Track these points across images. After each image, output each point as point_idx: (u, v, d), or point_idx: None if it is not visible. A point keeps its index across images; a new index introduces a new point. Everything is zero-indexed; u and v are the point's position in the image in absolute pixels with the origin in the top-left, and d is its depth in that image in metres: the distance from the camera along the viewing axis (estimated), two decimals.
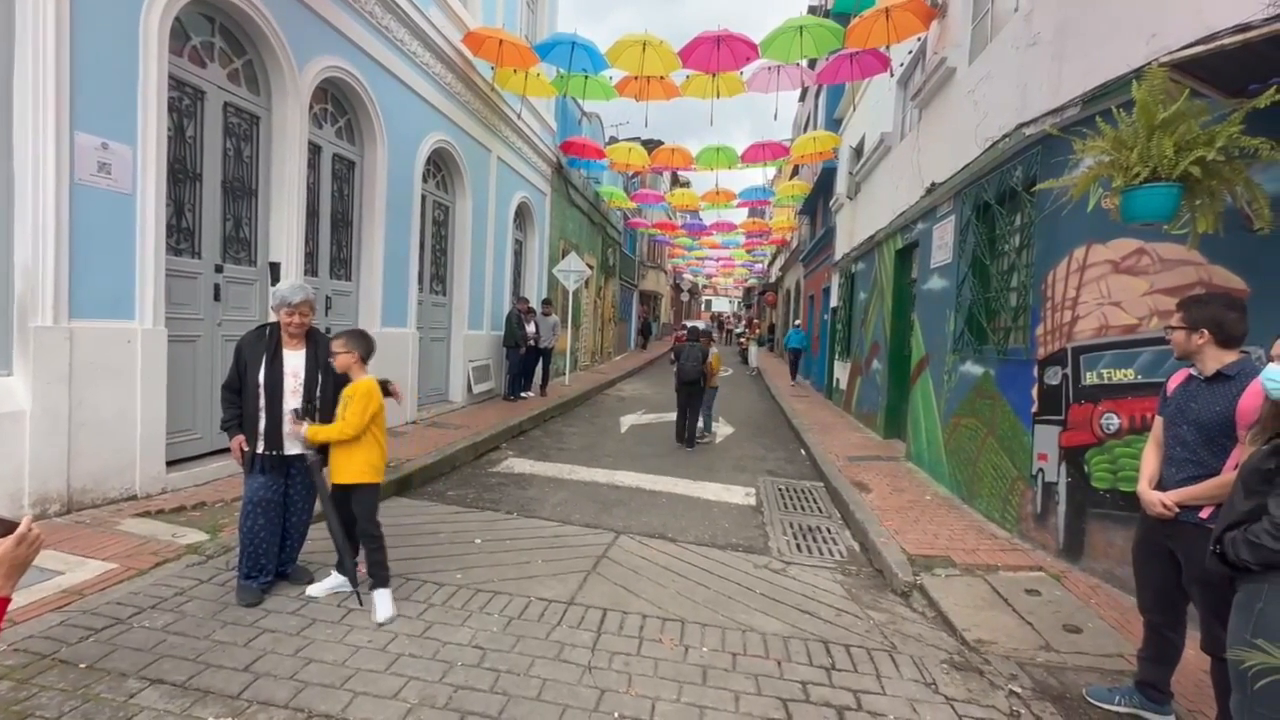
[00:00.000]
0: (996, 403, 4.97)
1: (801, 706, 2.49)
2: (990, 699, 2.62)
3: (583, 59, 8.18)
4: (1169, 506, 2.26)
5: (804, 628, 3.18)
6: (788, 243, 23.42)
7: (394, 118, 6.78)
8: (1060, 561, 4.01)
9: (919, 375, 6.90)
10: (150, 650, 2.51)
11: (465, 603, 3.17)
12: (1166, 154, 2.68)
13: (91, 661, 2.40)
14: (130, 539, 3.46)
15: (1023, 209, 4.84)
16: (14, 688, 2.21)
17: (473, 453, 6.41)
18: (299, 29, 5.29)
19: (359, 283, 6.68)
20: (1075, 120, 4.00)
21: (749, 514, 5.17)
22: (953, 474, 5.68)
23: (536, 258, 12.05)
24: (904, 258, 8.14)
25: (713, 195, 15.57)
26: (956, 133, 6.09)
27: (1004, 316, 5.16)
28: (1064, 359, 4.12)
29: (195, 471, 4.50)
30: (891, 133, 8.94)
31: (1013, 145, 4.79)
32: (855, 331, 10.63)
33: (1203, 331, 2.25)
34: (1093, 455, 3.87)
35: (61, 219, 3.62)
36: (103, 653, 2.47)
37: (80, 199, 3.72)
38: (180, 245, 4.59)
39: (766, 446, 8.16)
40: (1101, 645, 3.03)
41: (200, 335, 4.72)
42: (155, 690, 2.27)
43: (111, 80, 3.85)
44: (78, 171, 3.70)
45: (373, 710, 2.27)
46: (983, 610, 3.36)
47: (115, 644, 2.53)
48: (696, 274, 44.01)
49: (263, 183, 5.26)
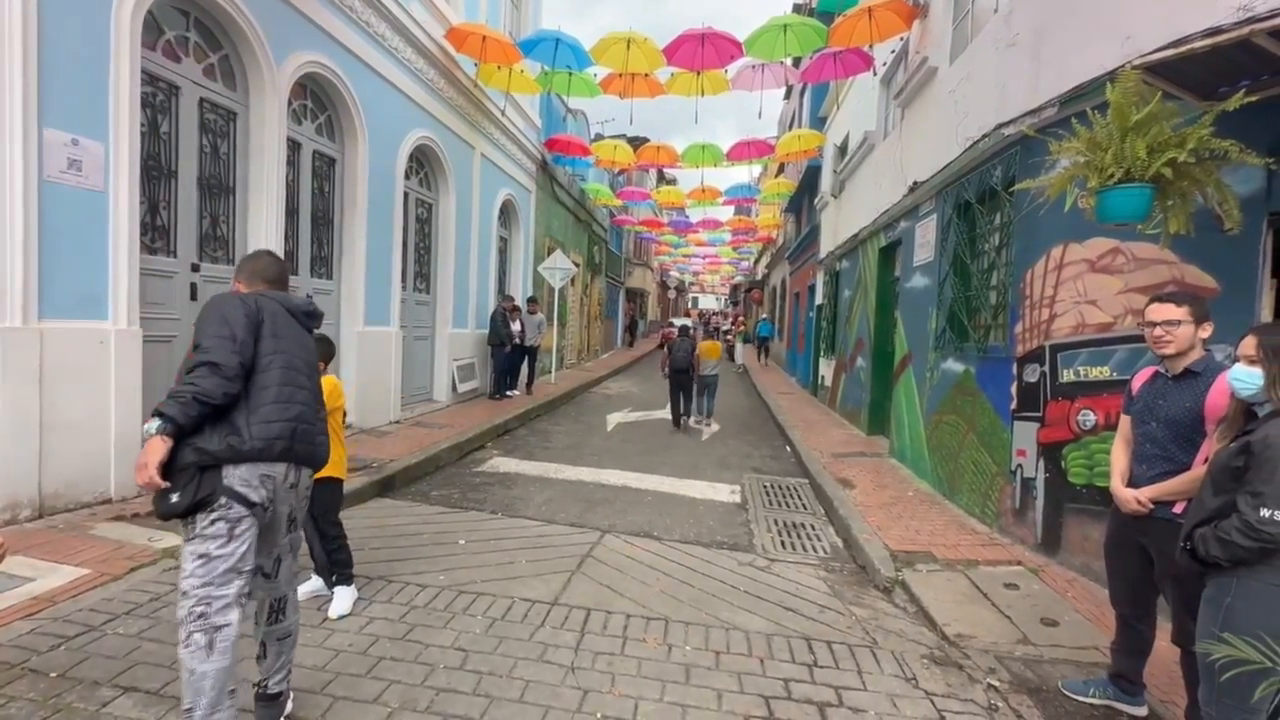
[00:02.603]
0: (977, 400, 5.03)
1: (784, 704, 2.51)
2: (969, 692, 2.65)
3: (567, 56, 8.14)
4: (1143, 503, 2.30)
5: (787, 625, 3.20)
6: (774, 240, 23.51)
7: (375, 114, 6.70)
8: (1038, 556, 4.07)
9: (902, 372, 6.96)
10: (124, 658, 2.47)
11: (448, 604, 3.15)
12: (1140, 155, 2.73)
13: (63, 670, 2.35)
14: (104, 544, 3.40)
15: (1002, 208, 4.89)
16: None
17: (457, 452, 6.37)
18: (276, 23, 5.21)
19: (340, 281, 6.60)
20: (1052, 121, 4.05)
21: (734, 511, 5.19)
22: (934, 470, 5.75)
23: (522, 255, 11.99)
24: (887, 256, 8.21)
25: (699, 193, 15.58)
26: (938, 132, 6.14)
27: (984, 314, 5.22)
28: (1042, 356, 4.18)
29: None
30: (875, 131, 9.01)
31: (992, 145, 4.84)
32: (840, 329, 10.70)
33: (1205, 325, 2.28)
34: (1070, 451, 3.94)
35: (30, 217, 3.53)
36: (74, 661, 2.42)
37: (49, 197, 3.63)
38: (155, 244, 4.50)
39: (752, 444, 8.20)
40: (1077, 638, 3.08)
41: (177, 335, 4.64)
42: (129, 698, 2.23)
43: (82, 75, 3.76)
44: (46, 168, 3.61)
45: (353, 715, 2.25)
46: (963, 605, 3.41)
47: (87, 652, 2.48)
48: (683, 271, 44.12)
49: (240, 180, 5.18)
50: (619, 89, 8.86)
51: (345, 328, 6.57)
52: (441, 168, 8.45)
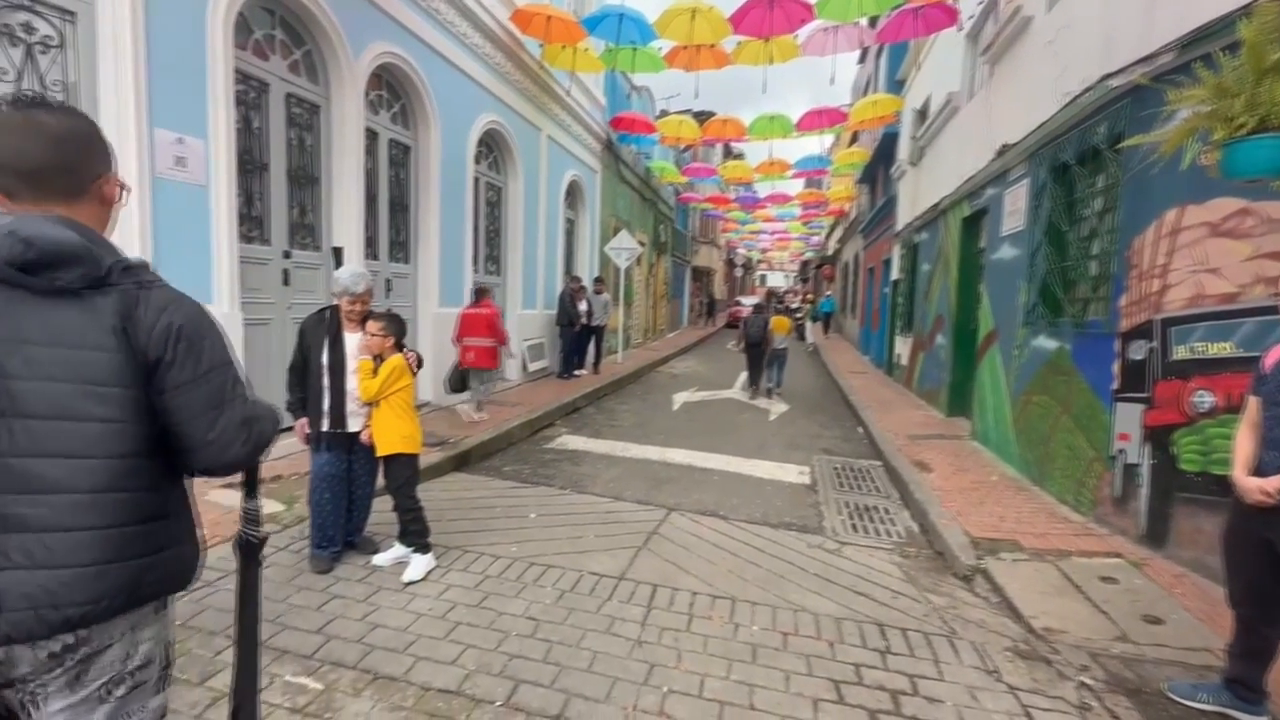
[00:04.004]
0: (1072, 379, 4.66)
1: (855, 689, 2.45)
2: (1058, 689, 2.50)
3: (631, 30, 8.02)
4: (1270, 493, 2.06)
5: (858, 609, 3.11)
6: (846, 213, 22.55)
7: (446, 100, 6.88)
8: (1141, 548, 3.75)
9: (986, 350, 6.55)
10: (233, 612, 2.71)
11: (520, 575, 3.27)
12: (1278, 100, 2.38)
13: (183, 620, 2.62)
14: (217, 508, 3.73)
15: (1106, 169, 4.45)
16: None
17: (528, 429, 6.56)
18: (353, 17, 5.41)
19: (416, 265, 6.88)
20: (1169, 68, 3.62)
21: (803, 493, 5.09)
22: (1022, 454, 5.39)
23: (588, 235, 12.08)
24: (971, 226, 7.69)
25: (767, 166, 15.08)
26: (1032, 89, 5.65)
27: (1082, 287, 4.80)
28: (1151, 331, 3.80)
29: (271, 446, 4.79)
30: (959, 92, 8.39)
31: (1096, 99, 4.39)
32: (917, 305, 10.18)
33: None
34: (1181, 436, 3.58)
35: (145, 211, 3.87)
36: (195, 611, 2.68)
37: (160, 192, 3.96)
38: (251, 233, 4.83)
39: (822, 424, 7.99)
40: (1185, 638, 2.83)
41: (271, 318, 4.99)
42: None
43: (183, 77, 4.06)
44: (158, 166, 3.93)
45: (433, 675, 2.38)
46: (1052, 597, 3.20)
47: (205, 604, 2.75)
48: (750, 249, 43.12)
49: (324, 170, 5.47)
50: (684, 62, 8.65)
51: (421, 309, 6.86)
52: (509, 151, 8.59)
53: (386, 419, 3.15)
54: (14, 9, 3.44)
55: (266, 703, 2.16)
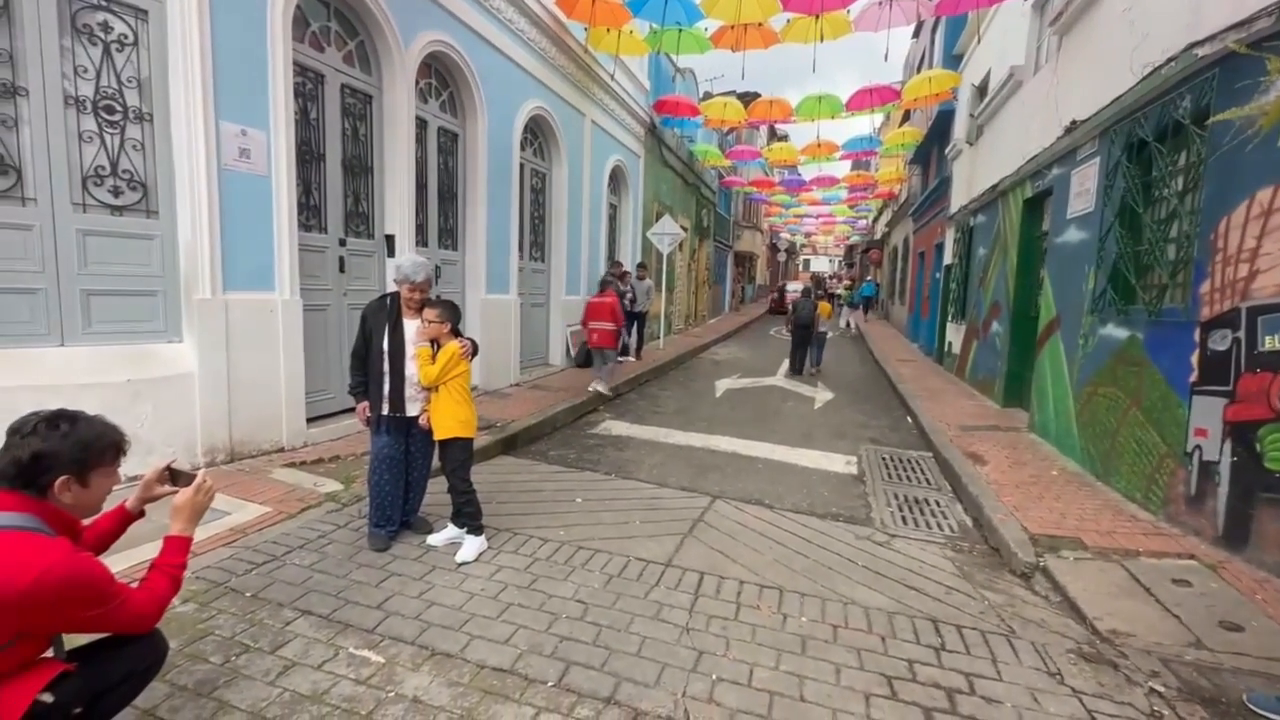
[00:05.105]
0: (1144, 370, 4.40)
1: (908, 685, 2.40)
2: (1126, 695, 2.39)
3: (676, 11, 7.89)
4: None
5: (910, 604, 3.05)
6: (895, 196, 21.79)
7: (493, 87, 6.92)
8: (1218, 550, 3.55)
9: (1047, 338, 6.25)
10: (300, 585, 2.85)
11: (568, 558, 3.32)
12: None
13: (255, 591, 2.77)
14: (280, 486, 3.92)
15: (1189, 146, 4.15)
16: (197, 609, 2.60)
17: (572, 414, 6.63)
18: (403, 5, 5.48)
19: (464, 252, 6.99)
20: (1268, 34, 3.34)
21: (850, 483, 4.99)
22: (1085, 448, 5.15)
23: (631, 221, 12.04)
24: (1033, 208, 7.32)
25: (813, 148, 14.66)
26: (1105, 61, 5.29)
27: (1158, 272, 4.52)
28: (1236, 320, 3.55)
29: (330, 427, 5.00)
30: (1023, 66, 7.94)
31: (1180, 70, 4.09)
32: (972, 291, 9.78)
33: None
34: (1267, 433, 3.34)
35: (213, 201, 4.04)
36: (263, 584, 2.83)
37: (227, 183, 4.13)
38: (309, 222, 4.99)
39: (868, 413, 7.80)
40: (1268, 647, 2.67)
41: (329, 305, 5.16)
42: (306, 620, 2.59)
43: (246, 70, 4.19)
44: (224, 157, 4.09)
45: (487, 654, 2.45)
46: (1118, 598, 3.06)
47: (273, 577, 2.89)
48: (794, 233, 42.16)
49: (377, 159, 5.59)
50: (730, 42, 8.47)
51: (470, 296, 6.98)
52: (554, 137, 8.60)
53: (444, 404, 3.22)
54: (93, 9, 3.62)
55: (332, 673, 2.27)
